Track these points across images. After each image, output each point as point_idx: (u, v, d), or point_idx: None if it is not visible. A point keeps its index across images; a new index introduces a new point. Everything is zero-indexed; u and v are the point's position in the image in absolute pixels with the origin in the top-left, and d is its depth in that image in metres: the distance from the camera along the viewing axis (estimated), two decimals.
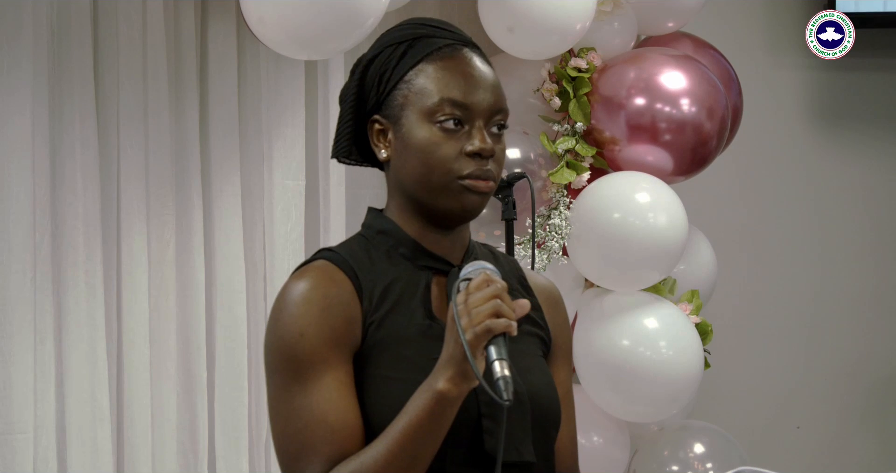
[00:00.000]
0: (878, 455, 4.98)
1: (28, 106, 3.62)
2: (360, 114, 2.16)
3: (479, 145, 2.08)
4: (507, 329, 1.93)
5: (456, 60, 2.11)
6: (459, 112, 2.08)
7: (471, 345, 1.92)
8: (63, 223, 3.70)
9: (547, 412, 2.14)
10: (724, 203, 4.88)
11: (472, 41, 2.17)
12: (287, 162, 3.96)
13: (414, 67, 2.11)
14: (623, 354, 3.94)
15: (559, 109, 4.06)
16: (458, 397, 1.96)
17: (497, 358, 1.92)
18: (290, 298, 2.08)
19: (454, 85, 2.09)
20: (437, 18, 2.20)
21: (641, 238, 3.91)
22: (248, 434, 3.89)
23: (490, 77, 2.12)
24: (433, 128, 2.08)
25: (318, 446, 2.02)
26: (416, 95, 2.10)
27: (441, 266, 2.14)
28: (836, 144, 5.00)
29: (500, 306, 1.94)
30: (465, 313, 1.94)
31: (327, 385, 2.03)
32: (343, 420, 2.03)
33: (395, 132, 2.12)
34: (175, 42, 3.87)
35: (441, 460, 2.03)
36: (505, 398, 1.90)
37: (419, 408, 1.96)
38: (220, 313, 3.90)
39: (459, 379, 1.94)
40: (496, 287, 1.95)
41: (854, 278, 5.00)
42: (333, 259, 2.12)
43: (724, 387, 4.76)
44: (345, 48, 3.69)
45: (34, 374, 3.62)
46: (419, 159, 2.09)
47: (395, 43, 2.14)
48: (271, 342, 2.08)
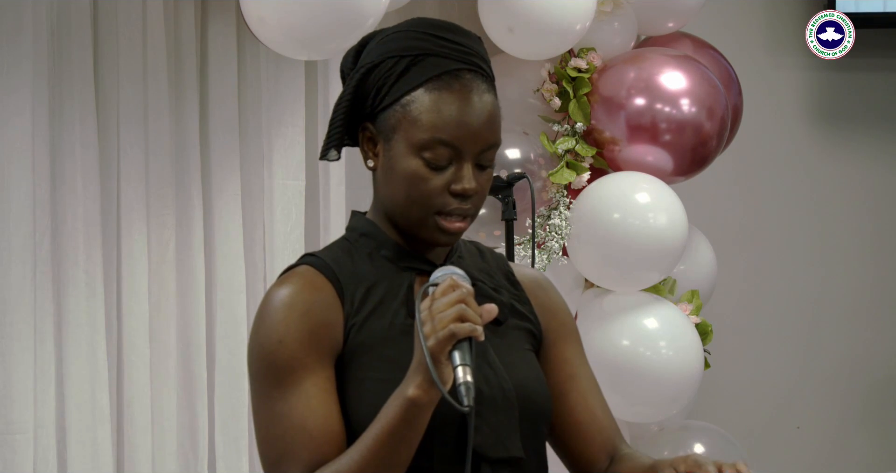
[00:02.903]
0: (878, 455, 4.98)
1: (28, 106, 3.62)
2: (353, 116, 2.15)
3: (464, 186, 2.07)
4: (472, 334, 1.92)
5: (454, 93, 2.07)
6: (449, 152, 2.07)
7: (433, 351, 1.91)
8: (63, 223, 3.70)
9: (535, 406, 2.14)
10: (724, 203, 4.88)
11: (476, 59, 2.12)
12: (287, 162, 3.96)
13: (411, 91, 2.08)
14: (623, 354, 3.94)
15: (559, 110, 4.06)
16: (428, 403, 1.96)
17: (460, 364, 1.91)
18: (271, 304, 2.09)
19: (448, 125, 2.06)
20: (446, 22, 2.15)
21: (641, 238, 3.91)
22: (248, 434, 3.89)
23: (486, 111, 2.08)
24: (420, 162, 2.07)
25: (297, 451, 2.03)
26: (409, 123, 2.07)
27: (423, 267, 2.14)
28: (836, 144, 5.00)
29: (465, 310, 1.92)
30: (429, 318, 1.93)
31: (306, 391, 2.04)
32: (322, 425, 2.03)
33: (384, 148, 2.10)
34: (175, 42, 3.87)
35: (429, 458, 2.03)
36: (466, 403, 1.89)
37: (391, 415, 1.97)
38: (220, 313, 3.90)
39: (428, 385, 1.93)
40: (461, 292, 1.94)
41: (854, 278, 5.00)
42: (315, 264, 2.12)
43: (724, 387, 4.76)
44: (345, 48, 3.64)
45: (34, 374, 3.62)
46: (402, 189, 2.08)
47: (398, 55, 2.10)
48: (252, 349, 2.09)
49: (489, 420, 2.07)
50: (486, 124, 2.08)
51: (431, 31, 2.13)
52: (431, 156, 2.06)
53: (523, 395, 2.11)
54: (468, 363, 1.91)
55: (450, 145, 2.06)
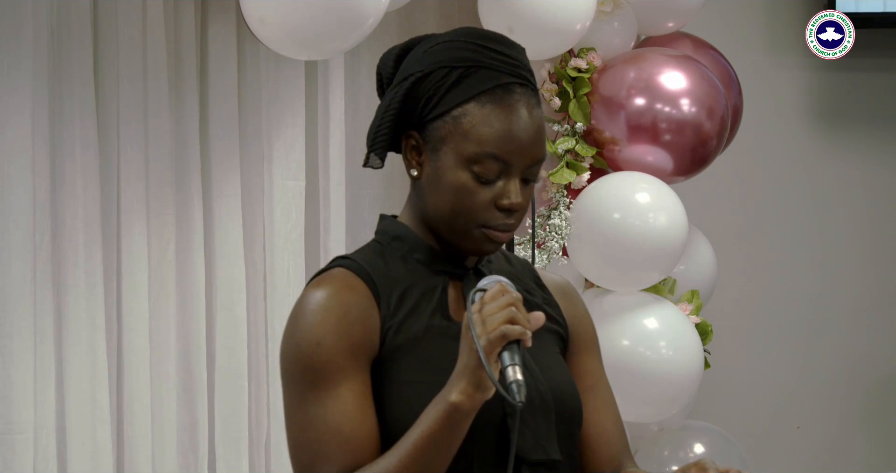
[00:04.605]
0: (878, 455, 4.98)
1: (28, 106, 3.62)
2: (400, 123, 2.14)
3: (511, 201, 2.08)
4: (522, 337, 1.94)
5: (505, 108, 2.08)
6: (498, 167, 2.07)
7: (485, 351, 1.93)
8: (63, 223, 3.70)
9: (569, 409, 2.15)
10: (723, 203, 4.88)
11: (525, 73, 2.13)
12: (287, 162, 3.96)
13: (462, 104, 2.08)
14: (623, 354, 3.94)
15: (559, 110, 4.06)
16: (471, 409, 1.96)
17: (510, 364, 1.93)
18: (308, 306, 2.08)
19: (498, 139, 2.07)
20: (495, 34, 2.15)
21: (641, 239, 3.91)
22: (248, 434, 3.89)
23: (535, 126, 2.10)
24: (469, 175, 2.07)
25: (330, 456, 2.02)
26: (460, 136, 2.07)
27: (456, 270, 2.15)
28: (836, 144, 5.00)
29: (516, 314, 1.95)
30: (479, 321, 1.95)
31: (342, 395, 2.04)
32: (357, 429, 2.03)
33: (430, 159, 2.10)
34: (175, 42, 3.87)
35: (468, 460, 2.03)
36: (518, 400, 1.90)
37: (432, 420, 1.97)
38: (220, 313, 3.90)
39: (472, 390, 1.95)
40: (511, 297, 1.97)
41: (854, 278, 4.99)
42: (350, 266, 2.12)
43: (724, 387, 4.76)
44: (345, 48, 3.69)
45: (34, 374, 3.62)
46: (448, 201, 2.09)
47: (450, 66, 2.10)
48: (288, 351, 2.08)
49: (528, 423, 2.08)
50: (535, 139, 2.09)
51: (482, 42, 2.12)
52: (481, 169, 2.07)
53: (558, 398, 2.13)
54: (517, 363, 1.93)
55: (500, 160, 2.07)
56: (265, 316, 3.92)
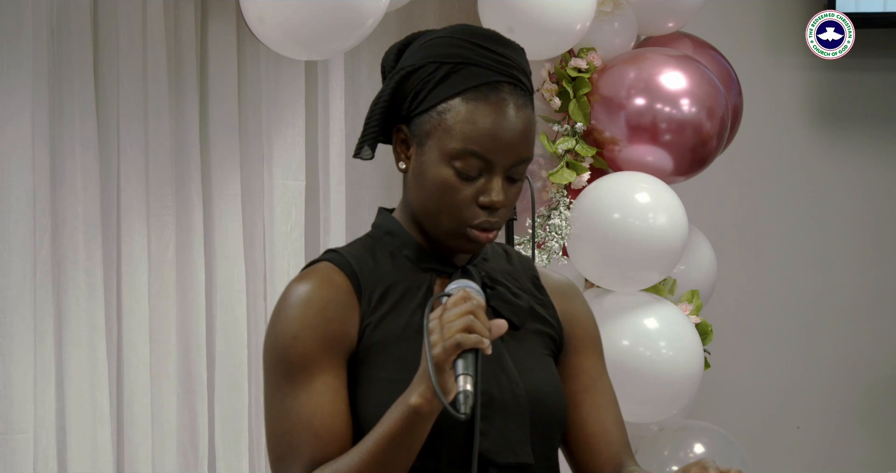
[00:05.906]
0: (878, 455, 4.98)
1: (28, 106, 3.62)
2: (389, 117, 2.14)
3: (492, 199, 2.08)
4: (478, 345, 1.93)
5: (490, 106, 2.07)
6: (480, 164, 2.07)
7: (438, 359, 1.93)
8: (63, 223, 3.70)
9: (548, 411, 2.14)
10: (724, 203, 4.88)
11: (516, 72, 2.12)
12: (287, 162, 3.96)
13: (448, 99, 2.08)
14: (623, 354, 3.94)
15: (559, 110, 4.06)
16: (430, 412, 1.96)
17: (462, 373, 1.92)
18: (289, 300, 2.10)
19: (480, 137, 2.06)
20: (491, 32, 2.15)
21: (641, 238, 3.91)
22: (248, 434, 3.89)
23: (521, 125, 2.08)
24: (451, 171, 2.07)
25: (300, 448, 2.04)
26: (443, 131, 2.07)
27: (445, 269, 2.15)
28: (836, 144, 5.00)
29: (474, 322, 1.94)
30: (437, 327, 1.94)
31: (316, 389, 2.05)
32: (328, 424, 2.04)
33: (416, 152, 2.11)
34: (175, 42, 3.87)
35: (436, 460, 2.04)
36: (462, 411, 1.90)
37: (393, 420, 1.98)
38: (220, 313, 3.90)
39: (431, 394, 1.95)
40: (472, 304, 1.96)
41: (854, 278, 5.00)
42: (335, 261, 2.13)
43: (724, 387, 4.76)
44: (345, 48, 3.69)
45: (34, 374, 3.62)
46: (432, 196, 2.09)
47: (439, 61, 2.10)
48: (267, 343, 2.11)
49: (499, 426, 2.07)
50: (520, 139, 2.08)
51: (475, 39, 2.12)
52: (462, 166, 2.07)
53: (536, 400, 2.12)
54: (470, 373, 1.92)
55: (481, 157, 2.07)
56: (265, 316, 3.92)
